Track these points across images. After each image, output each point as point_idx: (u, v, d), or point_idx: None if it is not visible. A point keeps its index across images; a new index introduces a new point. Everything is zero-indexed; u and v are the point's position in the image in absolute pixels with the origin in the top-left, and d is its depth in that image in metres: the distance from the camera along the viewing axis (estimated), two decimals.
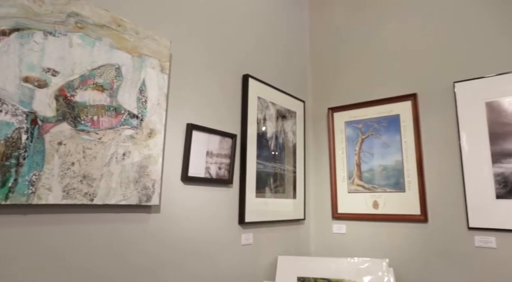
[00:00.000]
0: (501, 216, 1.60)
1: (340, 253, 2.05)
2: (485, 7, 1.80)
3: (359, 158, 2.05)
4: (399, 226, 1.89)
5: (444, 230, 1.76)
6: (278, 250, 1.89)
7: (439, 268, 1.75)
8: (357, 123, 2.09)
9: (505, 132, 1.64)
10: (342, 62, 2.25)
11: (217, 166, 1.56)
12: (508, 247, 1.59)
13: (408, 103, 1.92)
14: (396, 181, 1.91)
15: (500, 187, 1.62)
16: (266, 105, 1.89)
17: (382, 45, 2.10)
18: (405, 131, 1.91)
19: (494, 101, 1.69)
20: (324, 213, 2.16)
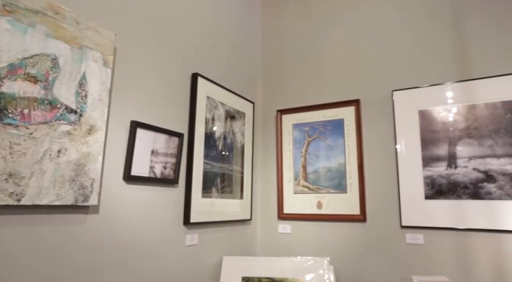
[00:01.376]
0: (429, 215, 1.75)
1: (285, 253, 2.10)
2: (421, 25, 1.95)
3: (305, 160, 2.11)
4: (340, 226, 1.98)
5: (380, 228, 1.87)
6: (223, 250, 1.88)
7: (374, 264, 1.86)
8: (304, 126, 2.15)
9: (434, 138, 1.79)
10: (292, 65, 2.31)
11: (162, 165, 1.52)
12: (433, 243, 1.74)
13: (351, 109, 2.03)
14: (339, 182, 2.00)
15: (428, 188, 1.77)
16: (215, 105, 1.88)
17: (329, 51, 2.19)
18: (348, 135, 2.01)
19: (426, 109, 1.83)
20: (270, 213, 2.20)
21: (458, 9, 1.87)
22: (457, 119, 1.76)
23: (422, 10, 1.96)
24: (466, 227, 1.67)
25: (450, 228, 1.71)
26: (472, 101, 1.74)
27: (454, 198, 1.71)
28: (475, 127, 1.71)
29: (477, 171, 1.68)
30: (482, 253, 1.64)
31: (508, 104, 1.66)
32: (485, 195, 1.65)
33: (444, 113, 1.79)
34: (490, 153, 1.66)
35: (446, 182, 1.74)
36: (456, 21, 1.86)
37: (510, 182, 1.61)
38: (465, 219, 1.68)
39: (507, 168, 1.62)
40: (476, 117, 1.72)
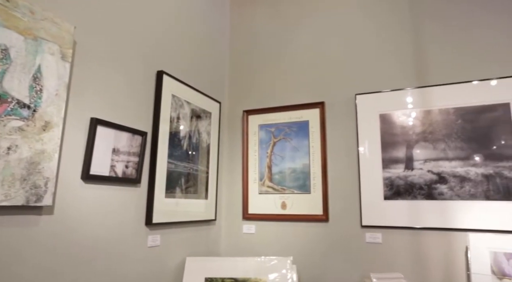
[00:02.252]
0: (387, 215, 1.82)
1: (249, 253, 2.11)
2: (384, 32, 2.03)
3: (271, 160, 2.13)
4: (304, 226, 2.01)
5: (341, 228, 1.93)
6: (187, 251, 1.85)
7: (335, 263, 1.91)
8: (270, 127, 2.17)
9: (393, 141, 1.87)
10: (260, 66, 2.32)
11: (124, 164, 1.47)
12: (391, 241, 1.81)
13: (316, 111, 2.07)
14: (303, 183, 2.04)
15: (387, 189, 1.84)
16: (181, 104, 1.85)
17: (297, 53, 2.23)
18: (313, 136, 2.05)
19: (386, 114, 1.91)
20: (235, 213, 2.20)
21: (417, 19, 1.96)
22: (414, 123, 1.84)
23: (385, 18, 2.04)
24: (421, 226, 1.76)
25: (406, 227, 1.79)
26: (428, 106, 1.83)
27: (410, 199, 1.80)
28: (430, 131, 1.81)
29: (431, 173, 1.77)
30: (434, 250, 1.73)
31: (459, 111, 1.77)
32: (438, 195, 1.75)
33: (403, 118, 1.87)
34: (443, 156, 1.76)
35: (403, 183, 1.82)
36: (416, 31, 1.95)
37: (460, 183, 1.71)
38: (420, 218, 1.77)
39: (457, 170, 1.73)
40: (431, 122, 1.81)
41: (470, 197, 1.69)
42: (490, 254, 1.49)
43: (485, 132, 1.71)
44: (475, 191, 1.69)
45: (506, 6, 1.79)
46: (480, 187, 1.68)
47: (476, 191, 1.69)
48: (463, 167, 1.72)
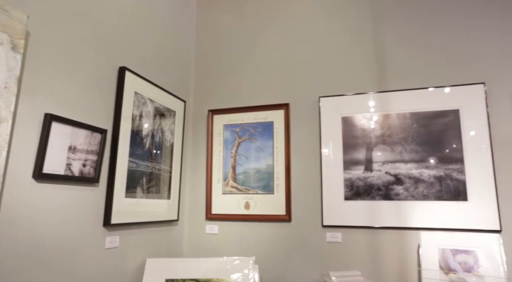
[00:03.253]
0: (347, 215, 1.88)
1: (212, 253, 2.09)
2: (348, 38, 2.09)
3: (235, 161, 2.13)
4: (267, 226, 2.03)
5: (303, 228, 1.97)
6: (147, 252, 1.81)
7: (297, 262, 1.94)
8: (235, 127, 2.17)
9: (355, 143, 1.93)
10: (226, 66, 2.31)
11: (81, 163, 1.41)
12: (350, 240, 1.87)
13: (281, 112, 2.10)
14: (267, 183, 2.05)
15: (347, 190, 1.90)
16: (144, 102, 1.81)
17: (263, 55, 2.24)
18: (277, 137, 2.08)
19: (348, 116, 1.97)
20: (198, 213, 2.18)
21: (379, 27, 2.04)
22: (374, 127, 1.92)
23: (349, 23, 2.11)
24: (378, 225, 1.83)
25: (365, 226, 1.85)
26: (387, 111, 1.91)
27: (369, 199, 1.87)
28: (389, 135, 1.89)
29: (389, 174, 1.85)
30: (389, 248, 1.81)
31: (415, 116, 1.86)
32: (394, 196, 1.83)
33: (364, 121, 1.94)
34: (400, 158, 1.85)
35: (363, 184, 1.88)
36: (378, 37, 2.03)
37: (414, 185, 1.80)
38: (378, 218, 1.84)
39: (412, 172, 1.82)
40: (390, 126, 1.89)
41: (423, 198, 1.78)
42: (438, 250, 1.58)
43: (437, 136, 1.81)
44: (428, 191, 1.78)
45: (462, 19, 1.91)
46: (432, 188, 1.78)
47: (428, 191, 1.78)
48: (418, 169, 1.81)
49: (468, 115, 1.78)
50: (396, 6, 2.03)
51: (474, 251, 1.52)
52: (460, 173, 1.75)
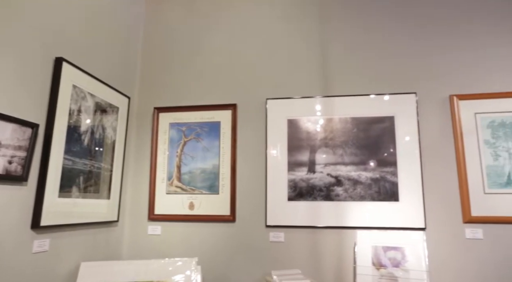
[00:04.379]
0: (290, 215, 1.94)
1: (154, 255, 2.03)
2: (296, 42, 2.15)
3: (180, 160, 2.09)
4: (211, 226, 2.02)
5: (247, 228, 1.98)
6: (83, 256, 1.71)
7: (240, 262, 1.95)
8: (181, 126, 2.13)
9: (299, 146, 1.99)
10: (174, 64, 2.26)
11: (7, 160, 1.30)
12: (292, 240, 1.93)
13: (228, 112, 2.10)
14: (212, 183, 2.04)
15: (291, 191, 1.96)
16: (83, 96, 1.70)
17: (211, 54, 2.23)
18: (224, 137, 2.08)
19: (294, 119, 2.03)
20: (140, 214, 2.10)
21: (325, 34, 2.13)
22: (318, 130, 1.99)
23: (298, 28, 2.17)
24: (319, 224, 1.91)
25: (306, 226, 1.92)
26: (331, 115, 2.00)
27: (311, 200, 1.93)
28: (331, 138, 1.97)
29: (330, 176, 1.94)
30: (329, 247, 1.89)
31: (355, 121, 1.96)
32: (334, 196, 1.92)
33: (309, 124, 2.01)
34: (340, 160, 1.94)
35: (306, 185, 1.95)
36: (324, 44, 2.12)
37: (353, 186, 1.91)
38: (319, 218, 1.91)
39: (351, 174, 1.92)
40: (332, 130, 1.98)
41: (360, 198, 1.89)
42: (372, 248, 1.68)
43: (375, 141, 1.93)
44: (365, 193, 1.89)
45: (400, 35, 2.05)
46: (369, 189, 1.89)
47: (365, 193, 1.89)
48: (356, 171, 1.92)
49: (402, 122, 1.92)
50: (343, 15, 2.13)
51: (402, 247, 1.65)
52: (393, 175, 1.88)
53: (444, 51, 1.99)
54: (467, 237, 1.79)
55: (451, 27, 2.01)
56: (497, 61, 1.93)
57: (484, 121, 1.86)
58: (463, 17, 2.01)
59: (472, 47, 1.97)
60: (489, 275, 1.74)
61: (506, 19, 1.97)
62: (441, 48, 2.00)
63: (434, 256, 1.78)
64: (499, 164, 1.80)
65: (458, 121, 1.88)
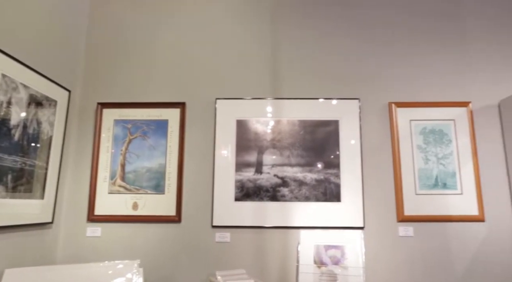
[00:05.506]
0: (236, 215, 1.94)
1: (93, 258, 1.92)
2: (248, 43, 2.17)
3: (125, 158, 2.01)
4: (155, 227, 1.96)
5: (193, 229, 1.96)
6: (8, 262, 1.57)
7: (185, 263, 1.92)
8: (127, 123, 2.05)
9: (247, 146, 2.01)
10: (121, 58, 2.17)
11: None
12: (238, 240, 1.94)
13: (177, 111, 2.05)
14: (157, 183, 1.98)
15: (238, 191, 1.96)
16: (15, 87, 1.57)
17: (161, 51, 2.17)
18: (171, 136, 2.03)
19: (243, 120, 2.04)
20: (79, 215, 1.98)
21: (277, 36, 2.17)
22: (266, 131, 2.02)
23: (249, 30, 2.18)
24: (265, 225, 1.93)
25: (252, 226, 1.94)
26: (279, 117, 2.04)
27: (257, 200, 1.96)
28: (279, 139, 2.01)
29: (277, 177, 1.97)
30: (274, 246, 1.92)
31: (303, 123, 2.02)
32: (280, 197, 1.96)
33: (257, 125, 2.03)
34: (287, 162, 1.99)
35: (252, 185, 1.97)
36: (275, 46, 2.15)
37: (299, 187, 1.96)
38: (265, 218, 1.94)
39: (297, 175, 1.97)
40: (280, 131, 2.02)
41: (305, 199, 1.95)
42: (314, 247, 1.75)
43: (320, 143, 2.00)
44: (309, 193, 1.96)
45: (348, 42, 2.15)
46: (313, 190, 1.96)
47: (310, 193, 1.96)
48: (302, 172, 1.98)
49: (346, 126, 2.02)
50: (295, 19, 2.19)
51: (343, 246, 1.73)
52: (336, 177, 1.96)
53: (386, 61, 2.13)
54: (400, 235, 1.92)
55: (393, 39, 2.15)
56: (431, 73, 2.10)
57: (417, 128, 2.01)
58: (405, 32, 2.16)
59: (410, 59, 2.12)
60: (418, 268, 1.88)
61: (441, 35, 2.15)
62: (384, 58, 2.13)
63: (370, 253, 1.89)
64: (429, 167, 1.96)
65: (396, 127, 2.02)
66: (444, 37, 2.15)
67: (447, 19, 2.18)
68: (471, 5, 2.19)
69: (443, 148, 1.99)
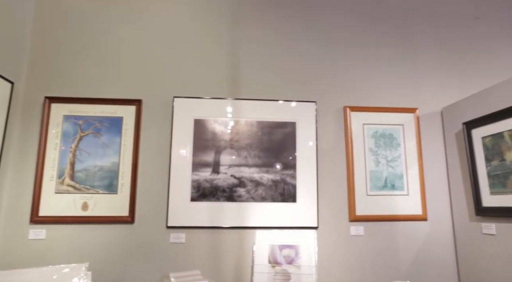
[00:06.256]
0: (192, 216, 1.92)
1: (36, 263, 1.80)
2: (208, 43, 2.15)
3: (74, 156, 1.91)
4: (106, 228, 1.88)
5: (147, 230, 1.90)
6: None
7: (138, 265, 1.86)
8: (78, 119, 1.94)
9: (204, 146, 1.99)
10: (73, 50, 2.05)
11: None
12: (194, 241, 1.91)
13: (132, 108, 1.99)
14: (110, 182, 1.90)
15: (194, 191, 1.94)
16: None
17: (117, 45, 2.09)
18: (126, 134, 1.96)
19: (201, 119, 2.02)
20: (20, 216, 1.84)
21: (237, 37, 2.17)
22: (224, 131, 2.02)
23: (209, 30, 2.16)
24: (221, 225, 1.93)
25: (208, 226, 1.92)
26: (238, 117, 2.04)
27: (214, 200, 1.94)
28: (237, 140, 2.01)
29: (234, 177, 1.97)
30: (230, 247, 1.92)
31: (260, 124, 2.04)
32: (237, 197, 1.96)
33: (215, 125, 2.02)
34: (244, 162, 1.99)
35: (209, 186, 1.95)
36: (235, 46, 2.15)
37: (255, 187, 1.98)
38: (221, 218, 1.93)
39: (254, 176, 1.99)
40: (238, 132, 2.02)
41: (261, 199, 1.97)
42: (269, 247, 1.77)
43: (277, 144, 2.03)
44: (266, 194, 1.98)
45: (307, 46, 2.20)
46: (270, 190, 1.98)
47: (266, 194, 1.98)
48: (259, 173, 1.99)
49: (302, 128, 2.06)
50: (256, 21, 2.20)
51: (297, 245, 1.76)
52: (292, 178, 2.00)
53: (342, 65, 2.21)
54: (352, 234, 2.00)
55: (349, 44, 2.24)
56: (384, 80, 2.21)
57: (369, 131, 2.11)
58: (361, 38, 2.26)
59: (365, 65, 2.22)
60: (367, 266, 1.97)
61: (394, 49, 2.27)
62: (340, 62, 2.21)
63: (323, 252, 1.95)
64: (379, 169, 2.07)
65: (350, 130, 2.10)
66: (397, 50, 2.27)
67: (401, 33, 2.30)
68: (419, 23, 2.34)
69: (392, 151, 2.10)
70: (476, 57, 2.32)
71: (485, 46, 2.35)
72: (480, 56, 2.33)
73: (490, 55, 2.34)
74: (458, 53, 2.32)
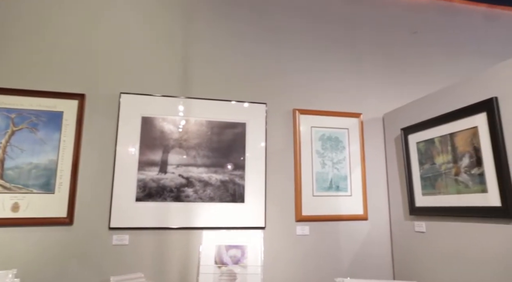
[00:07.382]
0: (137, 216, 1.85)
1: None
2: (159, 40, 2.09)
3: (4, 153, 1.75)
4: (41, 230, 1.75)
5: (87, 231, 1.80)
6: None
7: (76, 269, 1.75)
8: (10, 112, 1.79)
9: (152, 145, 1.93)
10: (6, 34, 1.89)
11: None
12: (138, 242, 1.84)
13: (74, 103, 1.87)
14: (46, 181, 1.78)
15: (140, 191, 1.87)
16: None
17: (59, 34, 1.96)
18: (66, 130, 1.84)
19: (149, 117, 1.96)
20: None
21: (189, 35, 2.14)
22: (173, 130, 1.97)
23: (160, 25, 2.11)
24: (167, 226, 1.88)
25: (154, 227, 1.86)
26: (187, 116, 2.01)
27: (160, 200, 1.89)
28: (185, 139, 1.98)
29: (182, 177, 1.94)
30: (176, 248, 1.88)
31: (210, 124, 2.03)
32: (184, 197, 1.92)
33: (164, 123, 1.97)
34: (193, 162, 1.97)
35: (156, 185, 1.90)
36: (186, 45, 2.12)
37: (203, 187, 1.96)
38: (167, 219, 1.89)
39: (202, 176, 1.96)
40: (187, 131, 1.99)
41: (209, 200, 1.95)
42: (215, 247, 1.76)
43: (227, 145, 2.03)
44: (214, 194, 1.96)
45: (263, 42, 2.22)
46: (218, 191, 1.97)
47: (214, 194, 1.97)
48: (207, 173, 1.98)
49: (252, 129, 2.08)
50: (208, 20, 2.18)
51: (243, 245, 1.78)
52: (241, 178, 2.01)
53: (291, 67, 2.26)
54: (298, 234, 2.05)
55: (299, 47, 2.30)
56: (331, 85, 2.30)
57: (317, 134, 2.19)
58: (310, 41, 2.33)
59: (313, 69, 2.30)
60: (312, 264, 2.04)
61: (341, 55, 2.37)
62: (290, 64, 2.26)
63: (270, 251, 1.98)
64: (325, 171, 2.15)
65: (298, 133, 2.16)
66: (344, 55, 2.38)
67: (348, 38, 2.42)
68: (366, 31, 2.47)
69: (338, 153, 2.19)
70: (414, 67, 2.51)
71: (422, 59, 2.54)
72: (418, 67, 2.52)
73: (427, 66, 2.53)
74: (399, 62, 2.48)
